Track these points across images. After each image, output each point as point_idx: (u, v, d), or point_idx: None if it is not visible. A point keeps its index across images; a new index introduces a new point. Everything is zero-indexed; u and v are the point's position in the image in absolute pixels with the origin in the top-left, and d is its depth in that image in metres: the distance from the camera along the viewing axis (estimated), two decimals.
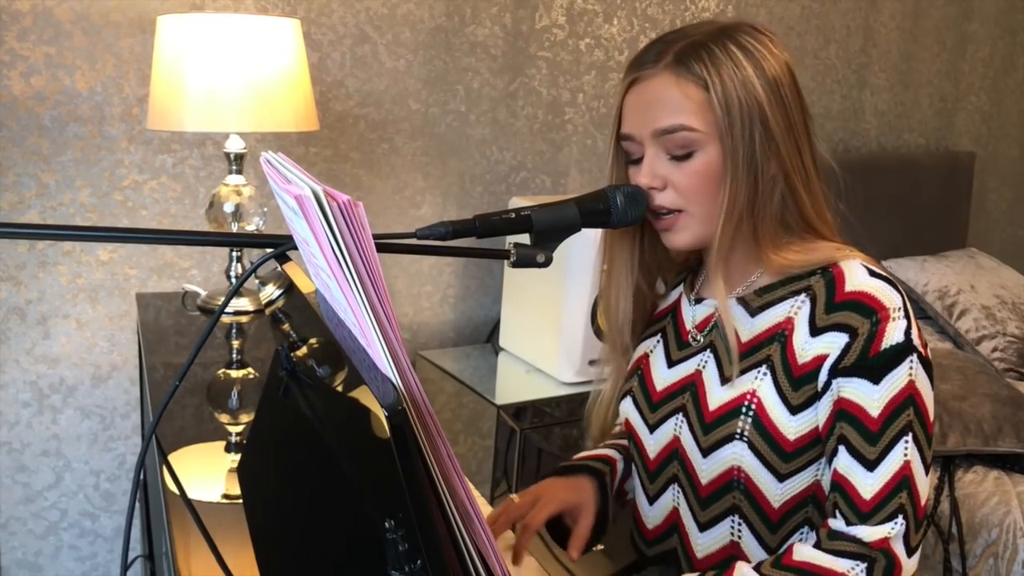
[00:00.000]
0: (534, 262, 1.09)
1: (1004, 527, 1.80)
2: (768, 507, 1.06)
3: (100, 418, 2.03)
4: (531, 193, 2.43)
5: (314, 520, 0.95)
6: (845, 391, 1.00)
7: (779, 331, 1.06)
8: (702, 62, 1.04)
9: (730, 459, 1.06)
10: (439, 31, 2.24)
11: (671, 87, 1.05)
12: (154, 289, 2.02)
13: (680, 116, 1.05)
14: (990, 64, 3.30)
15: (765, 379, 1.05)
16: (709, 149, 1.05)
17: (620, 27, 2.49)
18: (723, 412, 1.07)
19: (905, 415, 0.98)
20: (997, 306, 2.58)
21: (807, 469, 1.04)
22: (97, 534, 2.09)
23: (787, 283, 1.09)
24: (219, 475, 1.22)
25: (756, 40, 1.06)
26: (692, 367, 1.15)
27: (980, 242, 3.24)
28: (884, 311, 0.99)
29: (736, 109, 1.03)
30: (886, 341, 0.99)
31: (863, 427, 0.98)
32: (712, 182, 1.05)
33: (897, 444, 0.97)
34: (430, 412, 0.71)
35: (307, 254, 0.80)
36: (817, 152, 1.10)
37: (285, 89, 1.60)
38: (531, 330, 2.17)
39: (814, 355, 1.02)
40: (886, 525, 0.96)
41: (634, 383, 1.22)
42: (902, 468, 0.97)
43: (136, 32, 1.92)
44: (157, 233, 1.38)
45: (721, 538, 1.10)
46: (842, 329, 1.01)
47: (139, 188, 1.98)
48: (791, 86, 1.07)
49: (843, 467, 0.99)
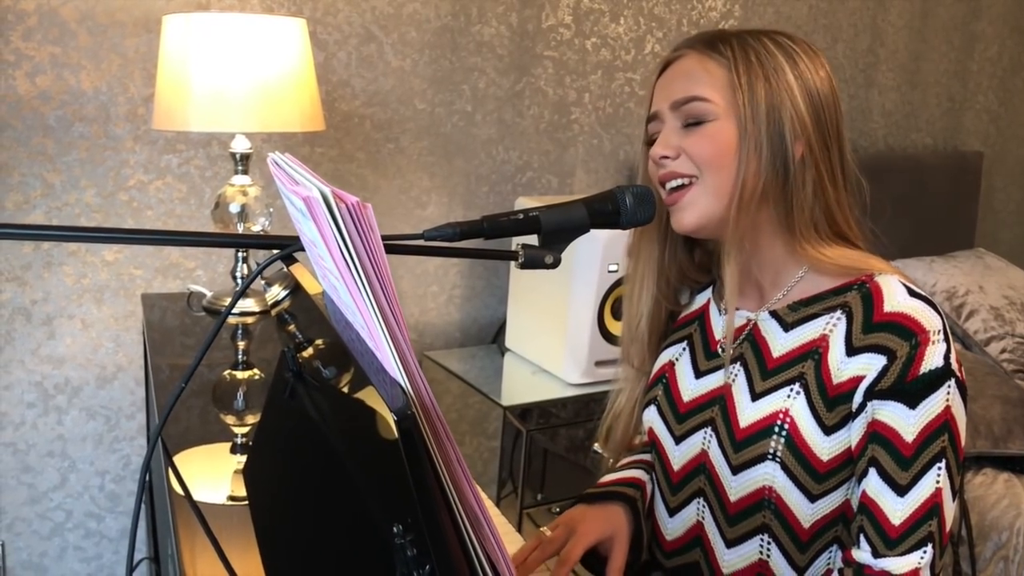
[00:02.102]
0: (542, 263, 1.08)
1: (1014, 530, 1.78)
2: (798, 527, 1.04)
3: (105, 419, 2.03)
4: (537, 193, 2.42)
5: (320, 523, 0.94)
6: (880, 414, 0.98)
7: (814, 348, 1.04)
8: (729, 45, 1.06)
9: (762, 479, 1.04)
10: (445, 30, 2.23)
11: (694, 63, 1.08)
12: (159, 290, 2.02)
13: (697, 88, 1.06)
14: (998, 63, 3.28)
15: (799, 398, 1.03)
16: (723, 123, 1.05)
17: (627, 27, 2.47)
18: (755, 430, 1.05)
19: (940, 441, 0.96)
20: (1006, 307, 2.57)
21: (838, 489, 1.03)
22: (102, 535, 2.08)
23: (823, 299, 1.07)
24: (225, 476, 1.21)
25: (794, 43, 1.07)
26: (721, 379, 1.13)
27: (988, 242, 3.22)
28: (924, 334, 0.97)
29: (761, 92, 1.03)
30: (925, 365, 0.96)
31: (896, 451, 0.97)
32: (724, 153, 1.05)
33: (930, 470, 0.96)
34: (439, 415, 0.70)
35: (315, 256, 0.79)
36: (848, 164, 1.09)
37: (291, 89, 1.59)
38: (537, 331, 2.16)
39: (850, 375, 1.00)
40: (914, 555, 0.95)
41: (659, 391, 1.19)
42: (933, 495, 0.95)
43: (141, 32, 1.91)
44: (163, 234, 1.37)
45: (749, 555, 1.08)
46: (880, 351, 0.98)
47: (144, 188, 1.97)
48: (828, 92, 1.07)
49: (873, 490, 0.97)
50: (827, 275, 1.07)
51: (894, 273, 1.05)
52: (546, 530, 1.15)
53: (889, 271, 1.05)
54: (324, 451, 0.95)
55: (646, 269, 1.19)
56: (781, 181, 1.04)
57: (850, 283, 1.05)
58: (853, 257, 1.07)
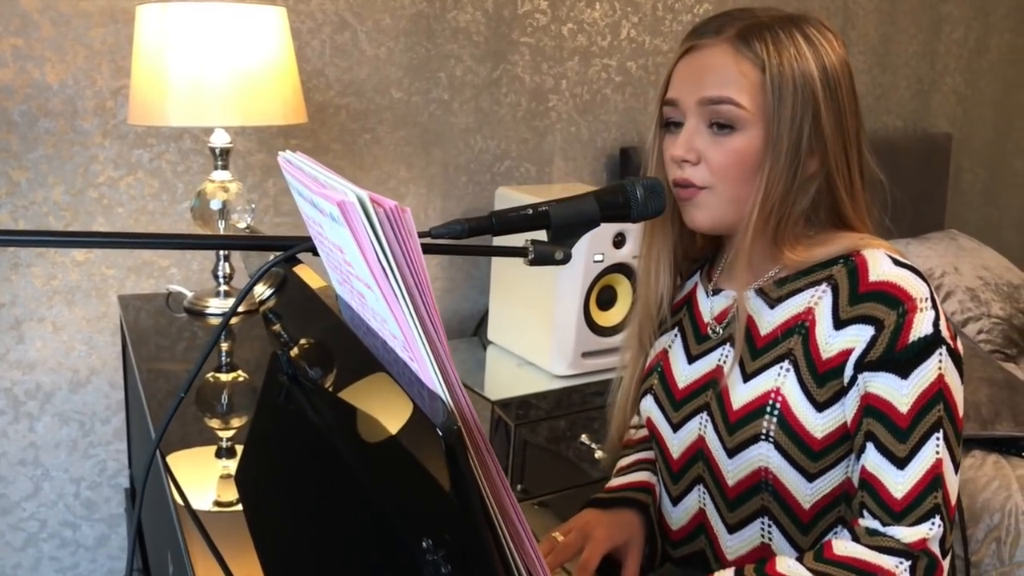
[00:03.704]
0: (552, 259, 1.05)
1: (1006, 511, 1.79)
2: (799, 508, 1.03)
3: (79, 424, 1.96)
4: (516, 183, 2.38)
5: (331, 533, 0.91)
6: (872, 386, 0.96)
7: (800, 323, 1.02)
8: (764, 43, 1.02)
9: (756, 460, 1.03)
10: (420, 17, 2.18)
11: (727, 60, 1.03)
12: (133, 289, 1.95)
13: (730, 90, 1.02)
14: (964, 45, 3.30)
15: (788, 375, 1.01)
16: (751, 131, 1.02)
17: (602, 11, 2.44)
18: (747, 412, 1.04)
19: (936, 410, 0.95)
20: (981, 287, 2.59)
21: (837, 467, 1.01)
22: (79, 544, 2.01)
23: (808, 272, 1.05)
24: (212, 481, 1.17)
25: (821, 34, 1.04)
26: (713, 362, 1.11)
27: (957, 223, 3.25)
28: (911, 301, 0.96)
29: (790, 98, 1.00)
30: (914, 333, 0.95)
31: (892, 423, 0.95)
32: (747, 166, 1.02)
33: (928, 441, 0.94)
34: (479, 428, 0.66)
35: (335, 260, 0.74)
36: (865, 161, 1.07)
37: (273, 80, 1.54)
38: (522, 323, 2.13)
39: (839, 349, 0.99)
40: (923, 526, 0.93)
41: (654, 380, 1.17)
42: (934, 466, 0.94)
43: (108, 22, 1.83)
44: (164, 238, 1.31)
45: (751, 540, 1.07)
46: (867, 321, 0.97)
47: (115, 185, 1.90)
48: (848, 89, 1.04)
49: (872, 465, 0.96)
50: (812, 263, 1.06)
51: (880, 246, 1.03)
52: (558, 535, 1.12)
53: (877, 245, 1.03)
54: (332, 459, 0.92)
55: (662, 249, 1.16)
56: (786, 191, 1.03)
57: (836, 257, 1.04)
58: (841, 242, 1.04)
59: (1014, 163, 3.59)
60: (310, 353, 1.02)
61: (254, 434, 1.26)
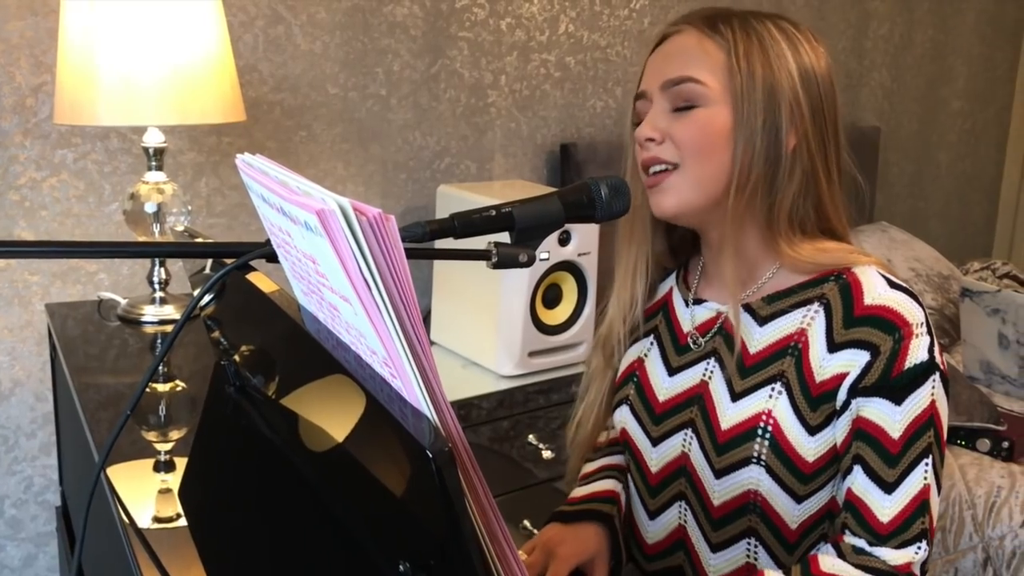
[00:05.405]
0: (516, 262, 1.02)
1: (950, 501, 1.82)
2: (786, 528, 1.01)
3: (2, 439, 1.86)
4: (457, 180, 2.34)
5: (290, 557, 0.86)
6: (865, 411, 0.95)
7: (792, 343, 1.00)
8: (730, 26, 1.00)
9: (746, 483, 1.00)
10: (356, 10, 2.12)
11: (692, 42, 1.02)
12: (59, 296, 1.85)
13: (691, 69, 1.00)
14: (890, 40, 3.37)
15: (781, 397, 0.99)
16: (715, 109, 1.00)
17: (540, 6, 2.41)
18: (737, 433, 1.01)
19: (926, 436, 0.94)
20: (913, 279, 2.64)
21: (825, 488, 1.00)
22: (3, 565, 1.91)
23: (798, 291, 1.03)
24: (151, 496, 1.11)
25: (796, 30, 1.03)
26: (696, 377, 1.08)
27: (885, 216, 3.32)
28: (908, 327, 0.94)
29: (760, 79, 0.98)
30: (909, 360, 0.94)
31: (882, 448, 0.94)
32: (712, 141, 1.00)
33: (917, 467, 0.94)
34: (466, 447, 0.63)
35: (304, 271, 0.70)
36: (843, 158, 1.06)
37: (210, 76, 1.47)
38: (466, 322, 2.09)
39: (833, 373, 0.97)
40: (909, 549, 0.93)
41: (630, 390, 1.14)
42: (921, 492, 0.93)
43: (27, 14, 1.74)
44: (111, 247, 1.23)
45: (736, 560, 1.05)
46: (863, 346, 0.95)
47: (37, 186, 1.80)
48: (827, 83, 1.03)
49: (859, 488, 0.95)
50: (803, 272, 1.03)
51: (873, 263, 1.02)
52: (522, 553, 1.09)
53: (868, 262, 1.02)
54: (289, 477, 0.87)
55: (639, 253, 1.13)
56: (771, 174, 1.00)
57: (826, 274, 1.02)
58: (833, 253, 1.03)
59: (938, 155, 3.68)
60: (259, 362, 0.97)
61: (199, 448, 1.20)
